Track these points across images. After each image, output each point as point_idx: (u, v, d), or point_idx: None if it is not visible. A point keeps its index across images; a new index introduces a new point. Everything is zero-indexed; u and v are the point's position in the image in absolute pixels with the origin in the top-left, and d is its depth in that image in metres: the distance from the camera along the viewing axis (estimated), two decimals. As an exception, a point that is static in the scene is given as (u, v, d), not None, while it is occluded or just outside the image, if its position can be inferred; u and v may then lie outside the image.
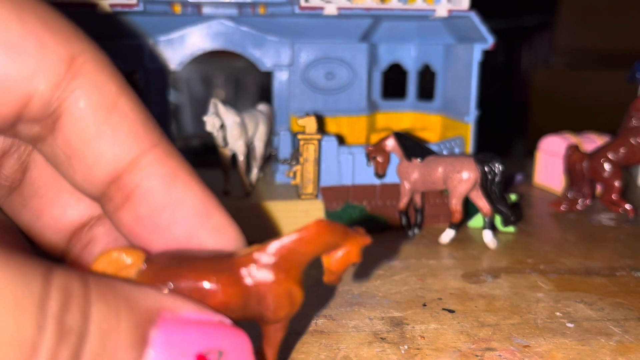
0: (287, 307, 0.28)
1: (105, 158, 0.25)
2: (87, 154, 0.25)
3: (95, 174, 0.26)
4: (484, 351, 0.37)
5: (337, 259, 0.30)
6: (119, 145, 0.25)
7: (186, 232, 0.27)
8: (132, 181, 0.26)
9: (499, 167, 0.55)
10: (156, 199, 0.26)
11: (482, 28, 0.64)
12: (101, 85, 0.25)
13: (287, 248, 0.28)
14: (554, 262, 0.53)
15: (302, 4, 0.60)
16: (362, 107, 0.72)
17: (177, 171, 0.27)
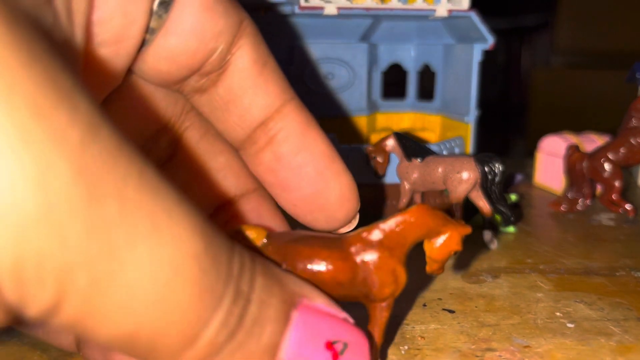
0: (391, 285, 0.30)
1: (258, 104, 0.30)
2: (244, 100, 0.30)
3: (248, 117, 0.31)
4: (484, 351, 0.37)
5: (439, 246, 0.32)
6: (270, 95, 0.31)
7: (316, 171, 0.32)
8: (275, 126, 0.31)
9: (499, 167, 0.55)
10: (295, 141, 0.31)
11: (482, 28, 0.64)
12: (258, 45, 0.30)
13: (392, 229, 0.30)
14: (553, 262, 0.53)
15: (302, 4, 0.60)
16: (362, 107, 0.72)
17: (309, 121, 0.32)
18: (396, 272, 0.30)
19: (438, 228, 0.31)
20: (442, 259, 0.32)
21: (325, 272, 0.29)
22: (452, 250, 0.32)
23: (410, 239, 0.31)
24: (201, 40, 0.28)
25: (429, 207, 0.31)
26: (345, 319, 0.27)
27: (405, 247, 0.31)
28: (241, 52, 0.29)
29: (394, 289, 0.31)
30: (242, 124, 0.31)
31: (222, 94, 0.30)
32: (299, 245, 0.30)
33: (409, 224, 0.30)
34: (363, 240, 0.30)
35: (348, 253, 0.30)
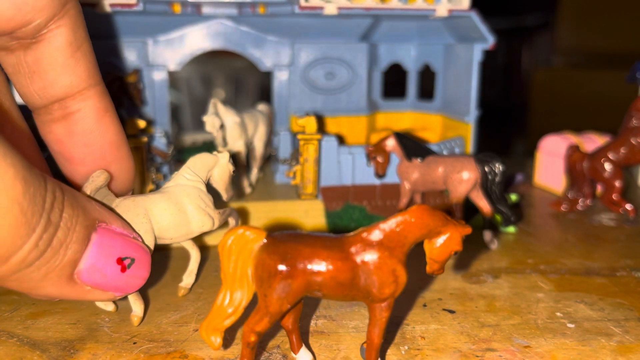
0: (391, 285, 0.30)
1: (63, 82, 0.34)
2: (49, 75, 0.33)
3: (49, 91, 0.34)
4: (485, 352, 0.37)
5: (439, 246, 0.32)
6: (76, 76, 0.34)
7: (100, 153, 0.37)
8: (74, 105, 0.35)
9: (500, 167, 0.55)
10: (88, 124, 0.36)
11: (483, 28, 0.64)
12: (77, 28, 0.33)
13: (392, 229, 0.31)
14: (554, 262, 0.53)
15: (302, 4, 0.60)
16: (362, 107, 0.72)
17: (107, 108, 0.36)
18: (396, 272, 0.30)
19: (438, 228, 0.31)
20: (442, 259, 0.32)
21: (326, 272, 0.30)
22: (453, 251, 0.32)
23: (411, 239, 0.31)
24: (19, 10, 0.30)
25: (429, 207, 0.31)
26: (135, 238, 0.34)
27: (406, 247, 0.31)
28: (59, 32, 0.32)
29: (394, 289, 0.31)
30: (42, 95, 0.34)
31: (30, 63, 0.33)
32: (299, 245, 0.30)
33: (409, 224, 0.31)
34: (363, 241, 0.30)
35: (348, 253, 0.30)
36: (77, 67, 0.33)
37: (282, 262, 0.29)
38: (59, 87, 0.34)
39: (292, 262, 0.29)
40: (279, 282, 0.29)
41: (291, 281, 0.29)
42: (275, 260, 0.29)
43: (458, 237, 0.32)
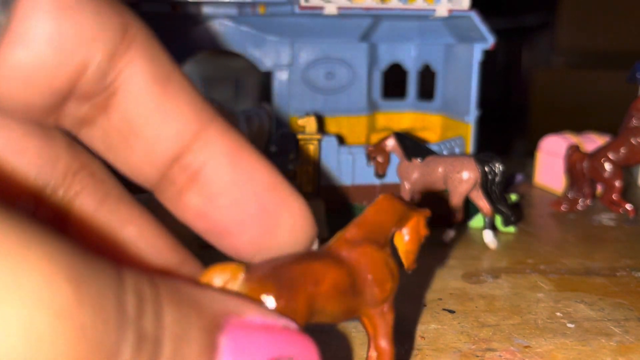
0: (389, 279, 0.29)
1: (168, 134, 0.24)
2: (148, 131, 0.23)
3: (157, 153, 0.24)
4: (485, 352, 0.37)
5: (410, 236, 0.31)
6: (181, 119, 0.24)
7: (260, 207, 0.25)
8: (196, 159, 0.24)
9: (499, 167, 0.55)
10: (226, 175, 0.25)
11: (483, 28, 0.64)
12: (155, 56, 0.24)
13: (369, 221, 0.30)
14: (554, 262, 0.53)
15: (302, 4, 0.60)
16: (362, 107, 0.72)
17: (240, 145, 0.25)
18: (389, 264, 0.30)
19: (406, 213, 0.31)
20: (415, 248, 0.32)
21: (326, 284, 0.27)
22: (422, 236, 0.32)
23: (389, 226, 0.31)
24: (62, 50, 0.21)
25: (391, 194, 0.31)
26: (286, 326, 0.23)
27: (387, 235, 0.30)
28: (133, 68, 0.23)
29: (393, 284, 0.30)
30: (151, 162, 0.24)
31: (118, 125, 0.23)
32: (287, 269, 0.26)
33: (382, 212, 0.30)
34: (348, 242, 0.29)
35: (340, 257, 0.28)
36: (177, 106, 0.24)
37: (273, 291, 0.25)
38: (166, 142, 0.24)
39: (288, 286, 0.25)
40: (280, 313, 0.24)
41: (294, 305, 0.25)
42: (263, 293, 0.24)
43: (423, 220, 0.32)
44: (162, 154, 0.24)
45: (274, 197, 0.26)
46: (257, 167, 0.25)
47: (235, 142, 0.25)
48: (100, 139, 0.24)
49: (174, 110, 0.23)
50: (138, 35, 0.23)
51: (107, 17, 0.22)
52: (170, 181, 0.24)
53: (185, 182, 0.24)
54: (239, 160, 0.25)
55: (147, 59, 0.23)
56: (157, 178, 0.24)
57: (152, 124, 0.23)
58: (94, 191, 0.26)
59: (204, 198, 0.25)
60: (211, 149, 0.24)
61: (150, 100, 0.23)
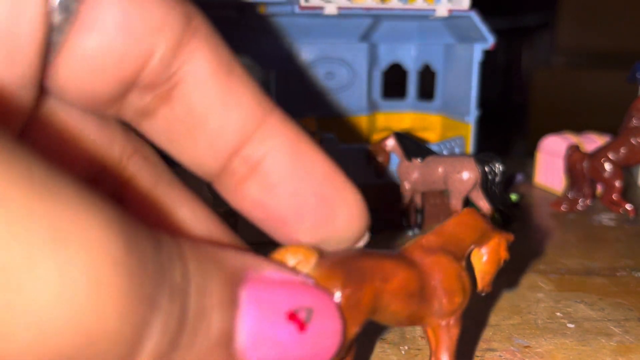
0: (460, 292, 0.28)
1: (232, 125, 0.24)
2: (211, 122, 0.23)
3: (221, 144, 0.24)
4: (485, 351, 0.37)
5: (488, 256, 0.30)
6: (244, 110, 0.24)
7: (318, 197, 0.25)
8: (258, 150, 0.24)
9: (499, 167, 0.55)
10: (287, 166, 0.25)
11: (483, 28, 0.64)
12: (218, 48, 0.23)
13: (449, 232, 0.29)
14: (554, 262, 0.53)
15: (302, 4, 0.60)
16: (362, 107, 0.72)
17: (299, 135, 0.25)
18: (462, 277, 0.28)
19: (489, 232, 0.30)
20: (493, 270, 0.31)
21: (397, 283, 0.26)
22: (502, 259, 0.30)
23: (467, 241, 0.29)
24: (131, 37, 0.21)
25: (474, 209, 0.30)
26: (304, 282, 0.24)
27: (465, 250, 0.29)
28: (196, 58, 0.23)
29: (463, 298, 0.28)
30: (214, 153, 0.24)
31: (181, 116, 0.23)
32: (358, 260, 0.26)
33: (464, 225, 0.29)
34: (424, 247, 0.28)
35: (412, 261, 0.27)
36: (240, 97, 0.24)
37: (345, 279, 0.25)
38: (230, 133, 0.24)
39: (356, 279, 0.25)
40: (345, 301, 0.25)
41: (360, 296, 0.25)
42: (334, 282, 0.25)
43: (504, 243, 0.30)
44: (225, 145, 0.24)
45: (331, 187, 0.26)
46: (316, 158, 0.25)
47: (295, 132, 0.25)
48: (162, 131, 0.24)
49: (238, 101, 0.23)
50: (201, 26, 0.23)
51: (172, 6, 0.22)
52: (231, 172, 0.24)
53: (245, 173, 0.24)
54: (298, 151, 0.25)
55: (211, 49, 0.23)
56: (218, 169, 0.24)
57: (216, 115, 0.23)
58: (148, 174, 0.26)
59: (264, 188, 0.25)
60: (272, 140, 0.24)
61: (214, 91, 0.23)
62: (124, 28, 0.20)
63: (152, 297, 0.17)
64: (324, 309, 0.23)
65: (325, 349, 0.23)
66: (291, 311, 0.22)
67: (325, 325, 0.23)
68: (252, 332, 0.21)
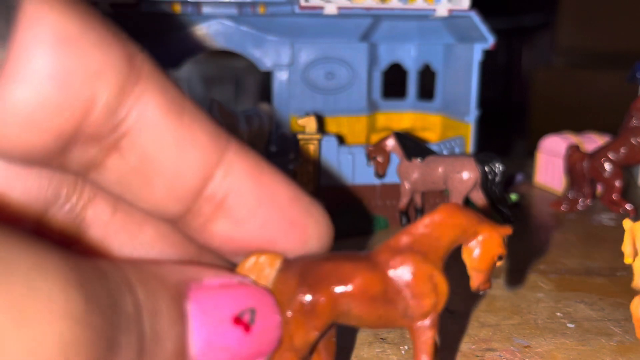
0: (430, 295, 0.27)
1: (190, 167, 0.22)
2: (168, 167, 0.22)
3: (181, 187, 0.23)
4: (485, 351, 0.37)
5: (479, 252, 0.28)
6: (201, 149, 0.22)
7: (286, 222, 0.25)
8: (221, 187, 0.23)
9: (499, 167, 0.55)
10: (251, 197, 0.24)
11: (483, 28, 0.64)
12: (165, 87, 0.22)
13: (420, 232, 0.27)
14: (554, 262, 0.53)
15: (302, 4, 0.60)
16: (362, 107, 0.72)
17: (259, 164, 0.25)
18: (434, 278, 0.27)
19: (473, 228, 0.28)
20: (486, 268, 0.28)
21: (355, 287, 0.25)
22: (496, 255, 0.28)
23: (444, 241, 0.27)
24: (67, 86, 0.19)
25: (458, 205, 0.28)
26: (241, 282, 0.24)
27: (440, 251, 0.27)
28: (144, 102, 0.21)
29: (435, 300, 0.27)
30: (175, 197, 0.23)
31: (134, 164, 0.21)
32: (320, 263, 0.26)
33: (439, 225, 0.27)
34: (390, 248, 0.27)
35: (376, 263, 0.26)
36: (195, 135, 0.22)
37: (302, 283, 0.25)
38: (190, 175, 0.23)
39: (315, 282, 0.25)
40: (300, 307, 0.25)
41: (315, 302, 0.25)
42: (296, 284, 0.25)
43: (498, 238, 0.28)
44: (185, 187, 0.23)
45: (299, 210, 0.26)
46: (278, 184, 0.25)
47: (254, 162, 0.25)
48: (114, 182, 0.22)
49: (193, 140, 0.22)
50: (145, 65, 0.21)
51: (112, 48, 0.20)
52: (196, 213, 0.24)
53: (210, 212, 0.24)
54: (261, 180, 0.24)
55: (158, 91, 0.21)
56: (181, 212, 0.23)
57: (173, 158, 0.22)
58: (108, 196, 0.25)
59: (232, 224, 0.24)
60: (233, 175, 0.24)
61: (168, 134, 0.22)
62: (58, 76, 0.18)
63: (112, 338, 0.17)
64: (264, 306, 0.24)
65: (268, 343, 0.24)
66: (236, 315, 0.23)
67: (267, 322, 0.24)
68: (202, 342, 0.21)
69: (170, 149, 0.22)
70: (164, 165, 0.22)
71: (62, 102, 0.19)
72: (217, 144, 0.23)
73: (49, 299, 0.16)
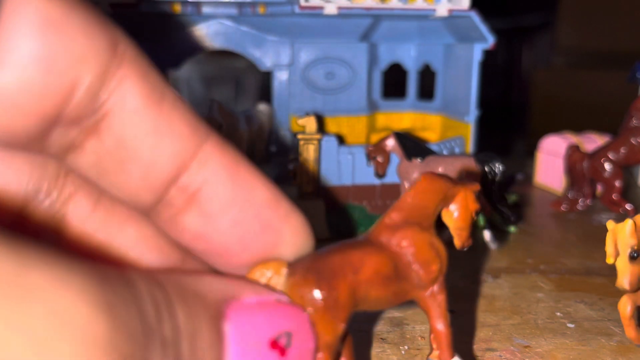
0: (436, 259, 0.28)
1: (166, 155, 0.22)
2: (144, 153, 0.22)
3: (156, 175, 0.22)
4: (485, 351, 0.37)
5: (459, 211, 0.30)
6: (178, 139, 0.22)
7: (261, 224, 0.24)
8: (195, 179, 0.23)
9: (500, 167, 0.55)
10: (226, 193, 0.24)
11: (483, 28, 0.64)
12: (147, 74, 0.22)
13: (409, 203, 0.29)
14: (554, 262, 0.53)
15: (302, 4, 0.60)
16: (362, 107, 0.72)
17: (237, 161, 0.24)
18: (434, 243, 0.29)
19: (451, 190, 0.30)
20: (467, 224, 0.30)
21: (369, 271, 0.26)
22: (473, 210, 0.30)
23: (431, 207, 0.29)
24: (51, 70, 0.19)
25: (433, 172, 0.30)
26: (279, 300, 0.24)
27: (431, 218, 0.29)
28: (125, 87, 0.21)
29: (440, 264, 0.29)
30: (148, 185, 0.23)
31: (111, 148, 0.22)
32: (327, 259, 0.26)
33: (423, 192, 0.29)
34: (388, 226, 0.28)
35: (380, 244, 0.28)
36: (173, 125, 0.22)
37: (320, 280, 0.25)
38: (165, 163, 0.22)
39: (328, 279, 0.25)
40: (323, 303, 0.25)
41: (336, 295, 0.25)
42: (311, 282, 0.25)
43: (471, 194, 0.30)
44: (159, 176, 0.22)
45: (275, 213, 0.25)
46: (256, 183, 0.25)
47: (233, 158, 0.24)
48: (91, 165, 0.22)
49: (171, 128, 0.22)
50: (128, 51, 0.21)
51: (96, 32, 0.20)
52: (168, 204, 0.23)
53: (182, 203, 0.23)
54: (238, 177, 0.24)
55: (140, 76, 0.21)
56: (154, 201, 0.23)
57: (149, 145, 0.22)
58: (89, 192, 0.24)
59: (204, 219, 0.24)
60: (209, 168, 0.23)
61: (146, 121, 0.22)
62: (42, 60, 0.19)
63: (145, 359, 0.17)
64: (300, 329, 0.24)
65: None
66: (273, 339, 0.22)
67: (303, 346, 0.23)
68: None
69: (147, 135, 0.22)
70: (139, 150, 0.22)
71: (45, 86, 0.19)
72: (195, 134, 0.23)
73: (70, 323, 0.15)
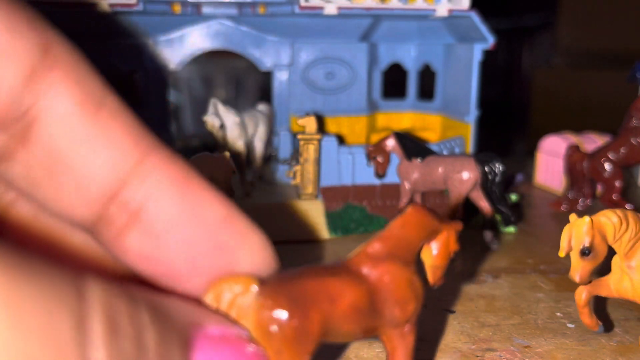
0: (412, 298, 0.27)
1: (102, 166, 0.20)
2: (77, 164, 0.20)
3: (91, 189, 0.20)
4: (485, 352, 0.37)
5: (437, 250, 0.30)
6: (116, 149, 0.20)
7: (213, 243, 0.22)
8: (137, 194, 0.21)
9: (500, 167, 0.55)
10: (172, 211, 0.21)
11: (483, 28, 0.64)
12: (83, 79, 0.20)
13: (395, 236, 0.28)
14: (554, 262, 0.53)
15: (302, 4, 0.60)
16: (362, 107, 0.72)
17: (187, 175, 0.22)
18: (413, 284, 0.27)
19: (437, 227, 0.29)
20: (444, 263, 0.30)
21: (345, 303, 0.25)
22: (452, 251, 0.30)
23: (417, 241, 0.29)
24: None
25: (420, 205, 0.30)
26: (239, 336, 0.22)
27: (414, 252, 0.28)
28: (55, 92, 0.20)
29: (416, 304, 0.28)
30: (84, 200, 0.21)
31: (41, 158, 0.20)
32: (302, 283, 0.24)
33: (411, 225, 0.28)
34: (370, 257, 0.27)
35: (359, 274, 0.26)
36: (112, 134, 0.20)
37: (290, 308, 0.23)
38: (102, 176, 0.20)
39: (302, 301, 0.23)
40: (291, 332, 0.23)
41: (307, 324, 0.23)
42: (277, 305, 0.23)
43: (454, 235, 0.30)
44: (96, 190, 0.20)
45: (229, 231, 0.23)
46: (208, 199, 0.22)
47: (182, 172, 0.22)
48: (21, 176, 0.20)
49: (109, 138, 0.20)
50: (62, 56, 0.20)
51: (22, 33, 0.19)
52: (108, 221, 0.21)
53: (124, 221, 0.21)
54: (187, 193, 0.22)
55: (75, 81, 0.20)
56: (92, 218, 0.21)
57: (83, 155, 0.20)
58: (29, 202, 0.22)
59: (148, 238, 0.21)
60: (154, 182, 0.21)
61: (79, 129, 0.20)
62: None
63: None
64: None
65: None
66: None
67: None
68: None
69: (80, 144, 0.20)
70: (72, 161, 0.20)
71: None
72: (138, 145, 0.21)
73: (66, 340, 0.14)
